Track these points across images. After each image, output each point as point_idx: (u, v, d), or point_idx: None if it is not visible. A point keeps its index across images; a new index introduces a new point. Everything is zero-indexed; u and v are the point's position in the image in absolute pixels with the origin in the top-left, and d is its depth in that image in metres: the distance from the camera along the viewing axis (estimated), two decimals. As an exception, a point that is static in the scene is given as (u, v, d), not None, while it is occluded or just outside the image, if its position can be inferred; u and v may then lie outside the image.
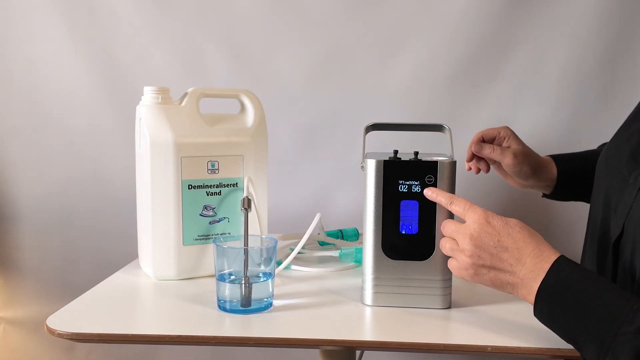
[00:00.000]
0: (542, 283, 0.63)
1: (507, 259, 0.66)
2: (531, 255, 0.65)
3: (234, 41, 1.30)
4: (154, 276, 0.88)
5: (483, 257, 0.67)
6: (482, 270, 0.67)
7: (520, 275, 0.65)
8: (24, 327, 1.37)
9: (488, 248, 0.67)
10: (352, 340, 0.67)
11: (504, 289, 0.68)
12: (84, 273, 1.33)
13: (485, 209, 0.69)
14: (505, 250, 0.66)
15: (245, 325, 0.70)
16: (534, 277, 0.64)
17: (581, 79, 1.26)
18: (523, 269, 0.65)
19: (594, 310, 0.60)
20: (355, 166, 1.32)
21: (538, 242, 0.67)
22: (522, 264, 0.65)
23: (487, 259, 0.67)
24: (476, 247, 0.67)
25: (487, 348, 0.65)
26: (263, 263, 0.76)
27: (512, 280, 0.66)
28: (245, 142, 0.90)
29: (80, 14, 1.28)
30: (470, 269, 0.68)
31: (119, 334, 0.68)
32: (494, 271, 0.67)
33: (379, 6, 1.28)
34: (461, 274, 0.70)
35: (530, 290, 0.64)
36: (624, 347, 0.57)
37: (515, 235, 0.67)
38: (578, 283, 0.62)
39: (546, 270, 0.63)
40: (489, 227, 0.67)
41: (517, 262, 0.65)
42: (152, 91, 0.86)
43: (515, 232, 0.67)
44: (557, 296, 0.63)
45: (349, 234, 1.09)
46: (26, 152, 1.32)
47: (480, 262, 0.67)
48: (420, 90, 1.30)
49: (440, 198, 0.75)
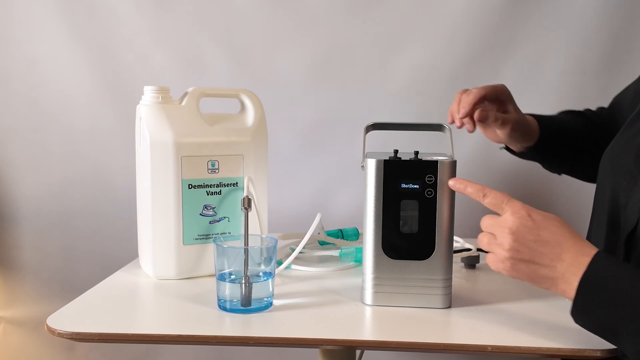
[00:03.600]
0: (583, 277, 0.62)
1: (546, 253, 0.65)
2: (571, 250, 0.64)
3: (234, 41, 1.30)
4: (154, 276, 0.88)
5: (522, 251, 0.66)
6: (520, 265, 0.66)
7: (560, 270, 0.64)
8: (24, 327, 1.37)
9: (527, 242, 0.65)
10: (352, 340, 0.67)
11: (541, 284, 0.66)
12: (84, 273, 1.33)
13: (523, 203, 0.68)
14: (545, 245, 0.65)
15: (246, 325, 0.70)
16: (574, 272, 0.63)
17: (581, 79, 1.26)
18: (563, 264, 0.64)
19: (637, 301, 0.59)
20: (356, 166, 1.32)
21: (576, 237, 0.66)
22: (562, 259, 0.64)
23: (526, 254, 0.66)
24: (515, 241, 0.66)
25: (487, 348, 0.65)
26: (263, 262, 0.76)
27: (552, 274, 0.65)
28: (245, 141, 0.90)
29: (80, 14, 1.28)
30: (508, 263, 0.66)
31: (119, 333, 0.68)
32: (532, 266, 0.66)
33: (379, 6, 1.28)
34: (498, 267, 0.68)
35: (570, 285, 0.63)
36: None
37: (555, 230, 0.66)
38: (619, 276, 0.62)
39: (586, 264, 0.63)
40: (529, 221, 0.66)
41: (557, 257, 0.65)
42: (152, 91, 0.86)
43: (555, 227, 0.66)
44: (598, 289, 0.62)
45: (349, 233, 1.09)
46: (26, 152, 1.32)
47: (518, 257, 0.66)
48: (420, 90, 1.30)
49: (469, 189, 0.72)
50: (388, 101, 1.31)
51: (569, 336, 0.68)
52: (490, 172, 1.32)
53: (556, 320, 0.75)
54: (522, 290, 0.85)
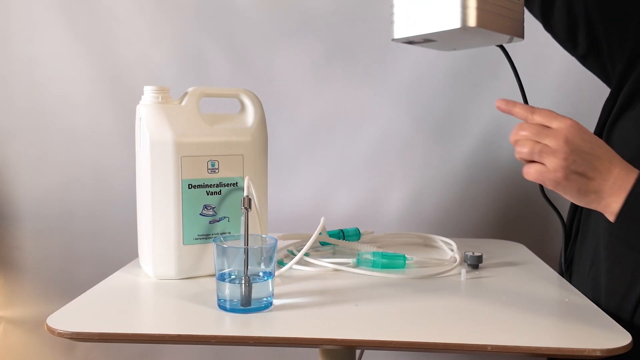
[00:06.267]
0: (633, 189, 0.64)
1: (599, 167, 0.65)
2: (619, 166, 0.65)
3: (234, 41, 1.30)
4: (154, 275, 0.88)
5: (577, 162, 0.65)
6: (573, 176, 0.65)
7: (609, 183, 0.65)
8: (24, 327, 1.37)
9: (583, 154, 0.65)
10: (352, 340, 0.67)
11: (586, 198, 0.66)
12: (84, 272, 1.33)
13: None
14: (598, 159, 0.65)
15: (245, 325, 0.70)
16: (623, 186, 0.64)
17: (581, 79, 1.26)
18: (612, 177, 0.65)
19: None
20: (356, 166, 1.33)
21: (621, 158, 0.67)
22: (612, 172, 0.65)
23: (581, 164, 0.65)
24: (572, 150, 0.65)
25: (487, 347, 0.65)
26: (263, 262, 0.76)
27: (600, 188, 0.65)
28: (245, 141, 0.90)
29: (80, 14, 1.28)
30: (561, 172, 0.65)
31: (119, 333, 0.68)
32: (583, 178, 0.65)
33: (379, 6, 1.28)
34: (548, 177, 0.66)
35: (617, 197, 0.64)
36: None
37: (606, 148, 0.67)
38: None
39: (634, 178, 0.64)
40: (584, 134, 0.66)
41: (608, 171, 0.65)
42: (152, 91, 0.86)
43: (605, 145, 0.67)
44: None
45: (350, 233, 1.09)
46: (26, 152, 1.32)
47: (573, 167, 0.65)
48: (421, 90, 1.30)
49: (517, 110, 0.71)
50: (388, 101, 1.31)
51: (569, 336, 0.68)
52: (491, 172, 1.32)
53: (556, 320, 0.75)
54: (522, 290, 0.85)
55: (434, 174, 1.33)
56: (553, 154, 0.65)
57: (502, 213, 1.33)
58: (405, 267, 0.95)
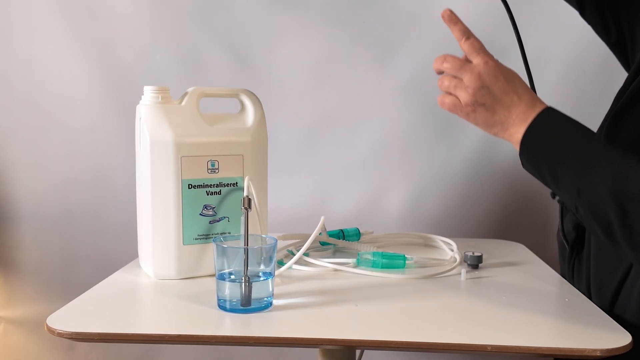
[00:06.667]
0: (532, 122, 0.69)
1: (505, 101, 0.71)
2: (526, 101, 0.71)
3: (234, 41, 1.30)
4: (154, 275, 0.88)
5: (486, 96, 0.71)
6: (480, 109, 0.72)
7: (514, 116, 0.71)
8: (24, 327, 1.37)
9: (492, 89, 0.71)
10: (352, 340, 0.67)
11: (492, 129, 0.73)
12: (84, 272, 1.33)
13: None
14: (506, 94, 0.71)
15: (245, 325, 0.70)
16: (525, 118, 0.70)
17: (581, 79, 1.26)
18: (517, 111, 0.71)
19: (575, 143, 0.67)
20: (356, 166, 1.33)
21: (533, 94, 0.73)
22: (518, 107, 0.71)
23: (488, 99, 0.71)
24: (482, 86, 0.71)
25: (486, 347, 0.65)
26: (263, 262, 0.76)
27: (505, 120, 0.71)
28: (245, 141, 0.90)
29: (80, 14, 1.28)
30: (470, 107, 0.72)
31: (119, 333, 0.68)
32: (490, 111, 0.71)
33: (379, 6, 1.28)
34: (459, 109, 0.73)
35: (519, 128, 0.70)
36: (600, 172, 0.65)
37: (517, 82, 0.72)
38: (568, 124, 0.70)
39: (538, 112, 0.70)
40: (497, 71, 0.71)
41: (515, 105, 0.71)
42: (152, 91, 0.86)
43: (518, 81, 0.73)
44: (544, 131, 0.69)
45: (350, 233, 1.09)
46: (26, 152, 1.32)
47: (482, 101, 0.71)
48: (420, 90, 1.30)
49: (456, 28, 0.76)
50: (388, 101, 1.31)
51: (569, 336, 0.68)
52: (491, 172, 1.32)
53: (556, 320, 0.75)
54: (522, 290, 0.85)
55: (434, 174, 1.32)
56: (465, 89, 0.72)
57: (502, 213, 1.33)
58: (405, 267, 0.95)
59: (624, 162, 0.65)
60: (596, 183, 0.65)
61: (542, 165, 0.71)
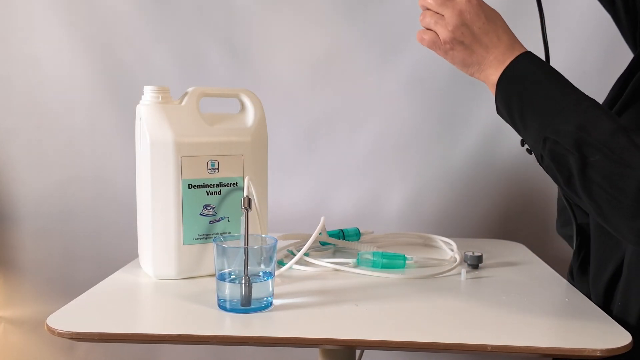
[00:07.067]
0: (509, 66, 0.69)
1: (485, 41, 0.71)
2: (506, 43, 0.71)
3: (234, 41, 1.30)
4: (154, 275, 0.88)
5: (465, 34, 0.71)
6: (459, 47, 0.72)
7: (491, 57, 0.71)
8: (24, 327, 1.37)
9: (472, 27, 0.71)
10: (352, 340, 0.67)
11: (469, 68, 0.73)
12: (84, 272, 1.33)
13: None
14: (486, 34, 0.71)
15: (245, 325, 0.70)
16: (503, 60, 0.70)
17: (581, 79, 1.26)
18: (496, 52, 0.71)
19: (547, 90, 0.68)
20: (356, 165, 1.33)
21: (514, 37, 0.73)
22: (497, 47, 0.71)
23: (467, 37, 0.71)
24: (462, 24, 0.71)
25: (487, 347, 0.65)
26: (263, 262, 0.76)
27: (482, 60, 0.71)
28: (245, 141, 0.90)
29: (80, 14, 1.28)
30: (448, 44, 0.72)
31: (119, 333, 0.68)
32: (469, 50, 0.71)
33: (379, 6, 1.28)
34: (437, 46, 0.73)
35: (496, 70, 0.70)
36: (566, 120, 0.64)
37: (499, 24, 0.72)
38: (544, 70, 0.70)
39: (515, 55, 0.70)
40: (479, 9, 0.71)
41: (494, 46, 0.71)
42: (152, 90, 0.86)
43: (500, 22, 0.73)
44: (519, 76, 0.69)
45: (350, 233, 1.09)
46: (26, 152, 1.32)
47: (460, 39, 0.71)
48: (420, 90, 1.30)
49: None
50: (388, 101, 1.31)
51: (569, 336, 0.68)
52: (491, 172, 1.32)
53: (556, 320, 0.75)
54: (522, 290, 0.85)
55: (434, 174, 1.33)
56: (444, 26, 0.71)
57: (502, 213, 1.33)
58: (405, 267, 0.95)
59: (591, 113, 0.66)
60: (561, 132, 0.65)
61: (514, 111, 0.70)
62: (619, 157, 0.62)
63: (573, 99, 0.67)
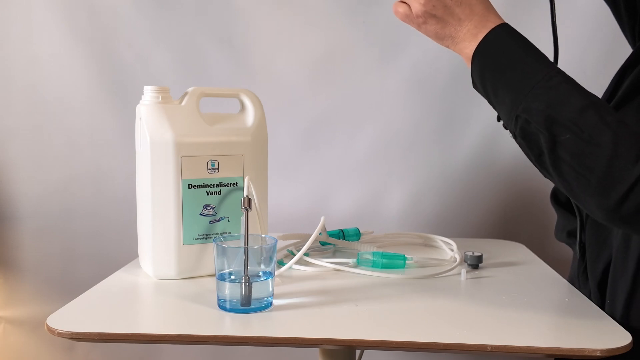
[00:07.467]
0: (483, 39, 0.69)
1: (457, 13, 0.70)
2: (479, 15, 0.70)
3: (234, 41, 1.30)
4: (154, 275, 0.88)
5: (437, 7, 0.70)
6: (431, 20, 0.71)
7: (465, 29, 0.70)
8: (24, 327, 1.37)
9: (445, 1, 0.70)
10: (352, 340, 0.67)
11: (443, 41, 0.73)
12: (84, 272, 1.33)
13: None
14: (459, 6, 0.70)
15: (245, 325, 0.70)
16: (476, 33, 0.70)
17: (581, 79, 1.26)
18: (469, 25, 0.70)
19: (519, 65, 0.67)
20: (356, 166, 1.33)
21: (490, 8, 0.72)
22: (471, 20, 0.70)
23: (440, 10, 0.70)
24: None
25: (487, 347, 0.65)
26: (263, 262, 0.76)
27: (455, 33, 0.71)
28: (245, 141, 0.90)
29: (80, 14, 1.28)
30: (421, 18, 0.71)
31: (119, 333, 0.68)
32: (441, 23, 0.71)
33: (379, 6, 1.28)
34: (409, 21, 0.73)
35: (469, 43, 0.70)
36: (537, 98, 0.64)
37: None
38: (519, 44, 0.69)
39: (490, 28, 0.69)
40: None
41: (467, 17, 0.70)
42: (152, 90, 0.86)
43: None
44: (492, 51, 0.69)
45: (350, 233, 1.09)
46: (26, 152, 1.32)
47: (433, 12, 0.71)
48: (420, 90, 1.30)
49: None
50: (388, 101, 1.31)
51: (569, 336, 0.68)
52: (491, 172, 1.32)
53: (556, 320, 0.75)
54: (522, 290, 0.85)
55: (434, 173, 1.33)
56: (417, 0, 0.71)
57: (502, 213, 1.33)
58: (405, 267, 0.95)
59: (562, 88, 0.66)
60: (532, 110, 0.65)
61: (487, 85, 0.70)
62: (588, 135, 0.62)
63: (545, 74, 0.67)
